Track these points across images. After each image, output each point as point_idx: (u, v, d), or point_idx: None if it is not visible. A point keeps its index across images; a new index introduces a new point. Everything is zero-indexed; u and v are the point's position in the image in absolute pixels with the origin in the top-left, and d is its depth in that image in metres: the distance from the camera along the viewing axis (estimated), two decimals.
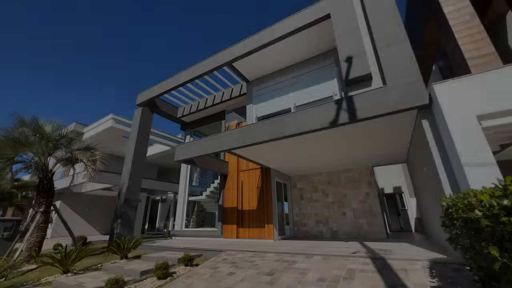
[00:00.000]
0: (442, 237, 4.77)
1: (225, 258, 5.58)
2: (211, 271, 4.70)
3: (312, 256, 4.96)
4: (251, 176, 9.96)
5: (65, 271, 5.41)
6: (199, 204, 12.23)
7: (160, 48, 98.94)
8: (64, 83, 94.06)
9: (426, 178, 5.50)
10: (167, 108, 12.51)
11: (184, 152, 7.95)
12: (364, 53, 5.61)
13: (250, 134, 6.49)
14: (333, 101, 5.50)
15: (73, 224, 16.81)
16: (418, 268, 3.70)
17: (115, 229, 9.02)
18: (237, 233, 9.43)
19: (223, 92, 11.39)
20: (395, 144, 6.88)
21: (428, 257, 4.17)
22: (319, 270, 4.09)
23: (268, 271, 4.30)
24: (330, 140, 6.39)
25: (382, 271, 3.75)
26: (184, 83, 9.76)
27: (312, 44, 7.86)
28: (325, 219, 9.71)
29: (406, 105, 4.62)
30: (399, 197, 14.03)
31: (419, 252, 4.85)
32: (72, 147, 7.78)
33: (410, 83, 4.72)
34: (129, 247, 6.67)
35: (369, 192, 9.24)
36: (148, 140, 11.08)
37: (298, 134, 5.74)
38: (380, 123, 5.36)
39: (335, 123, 5.28)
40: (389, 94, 4.85)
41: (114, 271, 5.39)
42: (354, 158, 8.13)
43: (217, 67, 8.67)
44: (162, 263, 4.72)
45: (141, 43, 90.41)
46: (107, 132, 14.56)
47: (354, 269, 3.95)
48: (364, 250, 5.45)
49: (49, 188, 7.14)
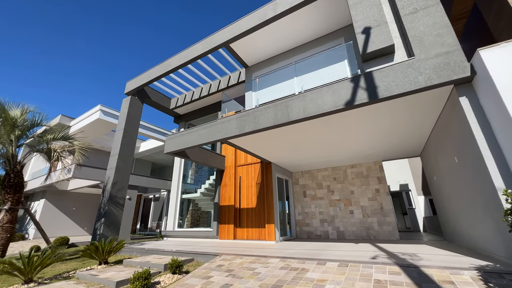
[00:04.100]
0: (481, 239, 3.99)
1: (220, 264, 4.71)
2: (202, 282, 3.82)
3: (324, 262, 4.12)
4: (250, 171, 9.09)
5: (27, 280, 4.49)
6: (194, 202, 11.33)
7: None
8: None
9: (457, 170, 4.68)
10: (159, 98, 11.57)
11: (175, 142, 7.05)
12: (385, 22, 4.78)
13: (251, 120, 5.63)
14: (349, 78, 4.67)
15: (59, 224, 15.84)
16: (468, 281, 2.87)
17: (98, 230, 8.08)
18: (235, 234, 8.56)
19: (219, 81, 10.50)
20: (414, 133, 6.07)
21: (473, 265, 3.35)
22: (338, 282, 3.24)
23: (273, 283, 3.44)
24: (340, 127, 5.56)
25: (421, 284, 2.92)
26: (176, 68, 8.83)
27: (319, 22, 7.02)
28: (331, 218, 8.89)
29: (440, 80, 3.80)
30: (406, 195, 13.29)
31: (454, 258, 4.03)
32: (46, 136, 6.81)
33: (445, 53, 3.90)
34: (109, 251, 5.75)
35: (379, 188, 8.45)
36: (137, 132, 10.14)
37: (306, 118, 4.90)
38: (401, 105, 4.55)
39: (351, 104, 4.45)
40: (418, 67, 4.03)
41: (87, 281, 4.48)
42: (363, 150, 7.31)
43: (213, 48, 7.76)
44: (142, 272, 3.83)
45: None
46: (94, 125, 13.54)
47: (384, 281, 3.11)
48: (384, 255, 4.63)
49: (17, 183, 6.17)
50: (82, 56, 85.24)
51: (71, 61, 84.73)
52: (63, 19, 57.04)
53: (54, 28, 59.76)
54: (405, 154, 8.35)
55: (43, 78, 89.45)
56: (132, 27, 78.32)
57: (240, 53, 8.23)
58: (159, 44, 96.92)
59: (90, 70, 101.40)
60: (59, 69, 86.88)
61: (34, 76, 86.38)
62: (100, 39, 77.49)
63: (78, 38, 69.37)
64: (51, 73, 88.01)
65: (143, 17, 77.32)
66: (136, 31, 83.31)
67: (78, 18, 58.50)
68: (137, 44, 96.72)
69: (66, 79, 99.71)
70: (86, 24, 63.84)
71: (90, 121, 13.40)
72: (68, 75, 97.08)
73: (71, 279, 4.76)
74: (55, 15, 53.60)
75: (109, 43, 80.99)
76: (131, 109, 10.00)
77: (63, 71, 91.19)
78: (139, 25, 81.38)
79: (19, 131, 6.19)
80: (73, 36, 67.78)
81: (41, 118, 7.09)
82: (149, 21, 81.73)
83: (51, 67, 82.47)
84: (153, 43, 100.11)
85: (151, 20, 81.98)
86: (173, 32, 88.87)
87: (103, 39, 78.16)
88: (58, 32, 62.03)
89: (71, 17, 56.76)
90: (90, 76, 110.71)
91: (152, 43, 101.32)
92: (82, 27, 65.64)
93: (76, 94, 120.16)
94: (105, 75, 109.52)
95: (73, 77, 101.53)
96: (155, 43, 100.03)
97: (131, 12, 68.71)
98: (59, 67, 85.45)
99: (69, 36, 66.30)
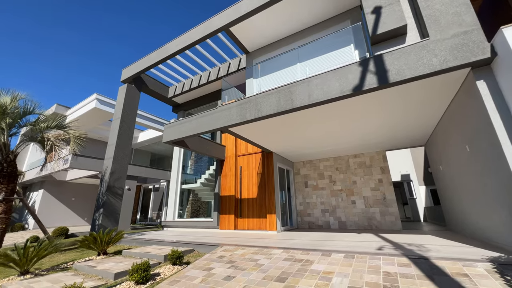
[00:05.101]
0: (491, 229, 3.81)
1: (221, 255, 4.59)
2: (203, 274, 3.70)
3: (329, 253, 3.99)
4: (250, 161, 8.91)
5: (23, 272, 4.37)
6: (194, 193, 11.21)
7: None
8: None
9: (467, 158, 4.49)
10: (156, 86, 11.21)
11: (174, 131, 6.81)
12: (397, 0, 4.45)
13: (252, 107, 5.38)
14: (357, 62, 4.39)
15: (58, 214, 15.79)
16: (483, 273, 2.74)
17: (97, 220, 7.97)
18: (235, 224, 8.48)
19: (219, 68, 10.13)
20: (422, 120, 5.84)
21: (485, 256, 3.22)
22: (345, 274, 3.11)
23: (277, 275, 3.31)
24: (346, 115, 5.32)
25: (433, 277, 2.78)
26: (174, 54, 8.46)
27: (324, 3, 6.63)
28: (332, 208, 8.80)
29: (457, 62, 3.54)
30: (407, 185, 13.21)
31: (463, 249, 3.91)
32: (39, 125, 6.55)
33: (463, 33, 3.62)
34: (107, 241, 5.63)
35: (382, 178, 8.30)
36: (135, 121, 9.87)
37: (311, 105, 4.66)
38: (411, 91, 4.30)
39: (359, 90, 4.20)
40: (433, 49, 3.75)
41: (84, 272, 4.37)
42: (369, 139, 7.10)
43: (212, 32, 7.39)
44: (141, 263, 3.69)
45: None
46: (91, 114, 13.22)
47: (393, 273, 2.98)
48: (389, 245, 4.51)
49: (11, 172, 5.98)
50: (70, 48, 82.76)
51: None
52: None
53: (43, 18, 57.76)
54: (410, 144, 8.15)
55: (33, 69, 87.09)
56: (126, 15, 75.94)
57: (241, 38, 7.85)
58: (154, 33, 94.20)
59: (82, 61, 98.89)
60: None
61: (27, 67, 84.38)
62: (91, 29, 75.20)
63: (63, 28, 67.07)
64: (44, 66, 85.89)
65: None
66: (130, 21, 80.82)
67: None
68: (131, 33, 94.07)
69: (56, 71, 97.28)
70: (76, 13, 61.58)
71: (86, 110, 13.07)
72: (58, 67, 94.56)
73: (69, 270, 4.64)
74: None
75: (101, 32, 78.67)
76: (128, 97, 9.68)
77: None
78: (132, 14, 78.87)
79: (10, 119, 5.92)
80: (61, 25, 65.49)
81: (33, 106, 6.81)
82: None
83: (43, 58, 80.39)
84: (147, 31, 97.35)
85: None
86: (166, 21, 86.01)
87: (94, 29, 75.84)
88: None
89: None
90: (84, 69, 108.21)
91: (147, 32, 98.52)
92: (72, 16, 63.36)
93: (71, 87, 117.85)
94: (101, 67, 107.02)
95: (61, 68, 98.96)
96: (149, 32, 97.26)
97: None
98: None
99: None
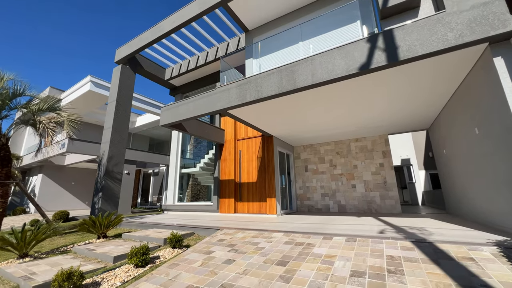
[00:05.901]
0: (496, 213, 3.60)
1: (221, 238, 4.56)
2: (203, 258, 3.66)
3: (331, 237, 3.94)
4: (250, 145, 8.76)
5: (22, 255, 4.35)
6: (194, 177, 11.17)
7: None
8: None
9: (476, 141, 4.34)
10: (152, 68, 10.78)
11: (171, 114, 6.58)
12: None
13: (253, 88, 5.12)
14: (364, 38, 4.09)
15: (59, 198, 15.89)
16: (489, 257, 2.67)
17: (96, 204, 7.95)
18: (235, 208, 8.49)
19: (217, 48, 9.67)
20: (428, 103, 5.62)
21: (490, 240, 3.16)
22: (348, 258, 3.05)
23: (278, 259, 3.26)
24: (351, 96, 5.09)
25: (438, 261, 2.72)
26: (170, 32, 8.00)
27: None
28: (332, 192, 8.79)
29: (474, 36, 3.27)
30: (407, 169, 13.20)
31: (467, 232, 3.86)
32: (31, 107, 6.31)
33: (483, 4, 3.32)
34: (107, 225, 5.61)
35: (383, 163, 8.22)
36: (131, 104, 9.57)
37: (314, 85, 4.42)
38: (422, 69, 4.05)
39: (366, 68, 3.95)
40: (449, 22, 3.46)
41: (84, 255, 4.35)
42: (373, 122, 6.90)
43: (210, 8, 6.91)
44: (140, 247, 3.64)
45: None
46: (86, 97, 12.84)
47: (397, 257, 2.92)
48: (391, 229, 4.48)
49: (4, 156, 5.83)
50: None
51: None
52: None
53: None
54: (414, 127, 7.97)
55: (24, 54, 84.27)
56: None
57: (240, 14, 7.39)
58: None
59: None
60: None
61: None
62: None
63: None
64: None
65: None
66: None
67: None
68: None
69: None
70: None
71: (80, 93, 12.68)
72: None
73: (68, 253, 4.63)
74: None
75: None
76: (123, 79, 9.32)
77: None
78: None
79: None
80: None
81: (23, 87, 6.52)
82: None
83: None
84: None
85: None
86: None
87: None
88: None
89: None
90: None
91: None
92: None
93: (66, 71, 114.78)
94: None
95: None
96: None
97: None
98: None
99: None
